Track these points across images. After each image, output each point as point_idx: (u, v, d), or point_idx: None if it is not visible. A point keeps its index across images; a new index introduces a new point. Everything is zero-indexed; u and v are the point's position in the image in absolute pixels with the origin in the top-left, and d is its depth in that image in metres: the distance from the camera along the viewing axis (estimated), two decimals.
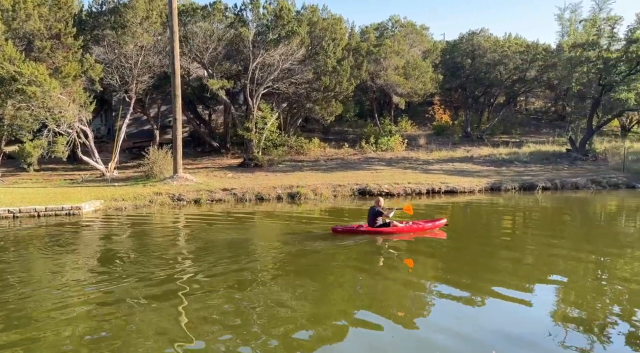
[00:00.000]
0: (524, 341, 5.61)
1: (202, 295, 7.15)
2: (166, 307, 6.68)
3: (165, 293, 7.21)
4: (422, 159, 27.39)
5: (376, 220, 11.12)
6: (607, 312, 6.53)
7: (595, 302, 6.93)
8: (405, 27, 33.26)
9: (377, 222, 11.12)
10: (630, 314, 6.40)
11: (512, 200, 17.99)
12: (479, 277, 8.22)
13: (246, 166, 23.64)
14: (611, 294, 7.35)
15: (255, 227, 13.37)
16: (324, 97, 25.50)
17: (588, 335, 5.74)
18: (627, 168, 23.39)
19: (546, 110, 43.08)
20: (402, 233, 11.17)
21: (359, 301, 6.98)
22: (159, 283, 7.71)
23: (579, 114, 28.92)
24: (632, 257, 9.47)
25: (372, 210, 11.20)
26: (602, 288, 7.66)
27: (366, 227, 11.17)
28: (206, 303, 6.82)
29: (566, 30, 31.86)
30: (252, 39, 22.52)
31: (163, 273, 8.27)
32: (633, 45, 23.79)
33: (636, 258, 9.36)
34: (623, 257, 9.54)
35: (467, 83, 32.71)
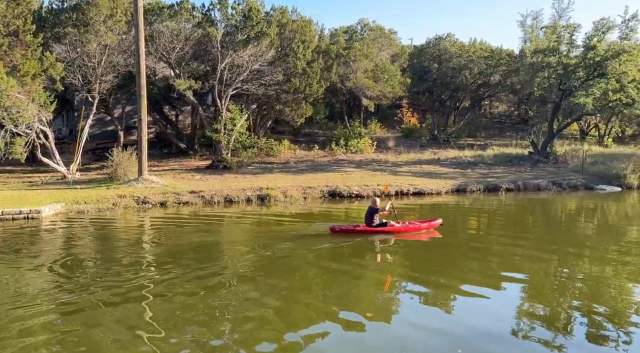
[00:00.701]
0: (490, 337, 5.73)
1: (169, 300, 6.97)
2: (131, 313, 6.47)
3: (130, 299, 6.99)
4: (391, 161, 27.72)
5: (373, 220, 11.28)
6: (568, 307, 6.76)
7: (557, 297, 7.15)
8: (374, 31, 33.63)
9: (375, 221, 11.29)
10: (588, 309, 6.64)
11: (478, 201, 18.42)
12: (447, 275, 8.35)
13: (215, 168, 23.30)
14: (571, 290, 7.61)
15: (224, 229, 13.17)
16: (294, 98, 25.45)
17: (551, 330, 5.91)
18: (585, 170, 24.37)
19: (509, 114, 44.41)
20: (398, 233, 11.33)
21: (328, 301, 6.96)
22: (123, 289, 7.46)
23: (540, 118, 29.92)
24: (590, 256, 9.84)
25: (369, 209, 11.39)
26: (563, 285, 7.92)
27: (363, 227, 11.32)
28: (173, 308, 6.65)
29: (528, 36, 32.87)
30: (221, 39, 22.24)
31: (127, 278, 8.02)
32: (590, 52, 24.81)
33: (594, 257, 9.73)
34: (582, 255, 9.91)
35: (434, 87, 33.35)
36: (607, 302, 6.98)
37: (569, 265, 9.21)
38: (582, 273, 8.62)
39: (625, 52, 24.18)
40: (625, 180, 22.12)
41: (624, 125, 36.86)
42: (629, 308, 6.79)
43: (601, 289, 7.60)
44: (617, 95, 24.80)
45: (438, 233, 11.61)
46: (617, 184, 22.01)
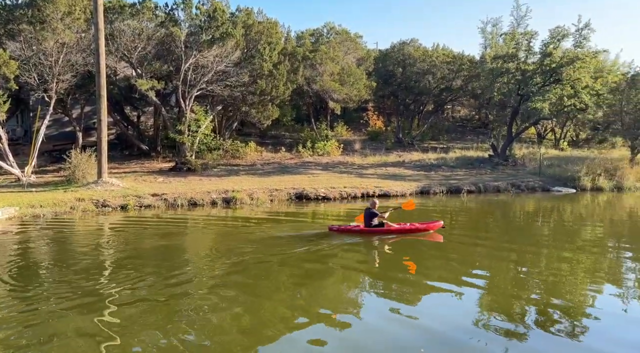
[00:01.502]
0: (454, 332, 5.85)
1: (130, 307, 6.75)
2: (90, 322, 6.22)
3: (89, 308, 6.71)
4: (358, 163, 27.98)
5: (372, 221, 11.45)
6: (527, 302, 6.99)
7: (517, 293, 7.39)
8: (340, 35, 33.91)
9: (373, 222, 11.46)
10: (546, 303, 6.90)
11: (440, 202, 18.83)
12: (411, 275, 8.47)
13: (178, 170, 22.83)
14: (530, 286, 7.88)
15: (188, 233, 12.91)
16: (261, 100, 25.30)
17: (511, 324, 6.09)
18: (542, 172, 25.35)
19: (471, 118, 45.69)
20: (397, 234, 11.48)
21: (292, 304, 6.92)
22: (81, 297, 7.17)
23: (500, 122, 30.96)
24: (547, 254, 10.22)
25: (368, 211, 11.54)
26: (522, 281, 8.19)
27: (362, 227, 11.48)
28: (134, 315, 6.44)
29: (488, 42, 34.07)
30: (185, 40, 21.86)
31: (85, 285, 7.72)
32: (547, 58, 25.86)
33: (550, 255, 10.12)
34: (540, 253, 10.28)
35: (399, 91, 33.93)
36: (563, 296, 7.27)
37: (528, 262, 9.53)
38: (540, 270, 8.94)
39: (579, 59, 25.33)
40: (579, 182, 23.15)
41: (578, 129, 38.60)
42: (583, 302, 7.09)
43: (558, 285, 7.91)
44: (571, 100, 25.93)
45: (439, 235, 11.61)
46: (572, 186, 23.01)
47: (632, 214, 16.94)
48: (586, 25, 25.91)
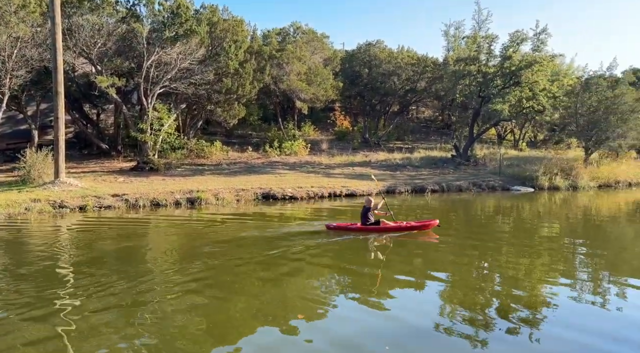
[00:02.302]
0: (418, 329, 5.93)
1: (87, 314, 6.50)
2: (45, 332, 5.94)
3: (44, 316, 6.40)
4: (325, 163, 28.05)
5: (368, 219, 11.64)
6: (489, 295, 7.18)
7: (479, 287, 7.58)
8: (307, 34, 33.90)
9: (369, 220, 11.66)
10: (507, 296, 7.11)
11: (406, 202, 19.13)
12: (373, 274, 8.55)
13: (140, 170, 22.21)
14: (492, 280, 8.11)
15: (150, 235, 12.57)
16: (226, 99, 24.97)
17: (473, 319, 6.24)
18: (502, 172, 26.17)
19: (434, 119, 46.67)
20: (392, 232, 11.63)
21: (256, 307, 6.85)
22: (36, 304, 6.85)
23: (462, 123, 31.76)
24: (507, 251, 10.55)
25: (364, 208, 11.79)
26: (484, 276, 8.41)
27: (359, 225, 11.68)
28: (93, 323, 6.21)
29: (451, 45, 34.84)
30: (147, 36, 21.29)
31: (40, 292, 7.38)
32: (507, 61, 26.70)
33: (510, 251, 10.45)
34: (500, 249, 10.60)
35: (365, 91, 34.26)
36: (523, 289, 7.52)
37: (490, 258, 9.81)
38: (501, 264, 9.21)
39: (537, 63, 26.29)
40: (537, 181, 24.03)
41: (536, 130, 40.10)
42: (541, 293, 7.36)
43: (518, 278, 8.17)
44: (530, 102, 26.90)
45: (434, 234, 11.74)
46: (530, 185, 23.86)
47: (585, 212, 17.73)
48: (543, 30, 26.92)
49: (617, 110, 26.10)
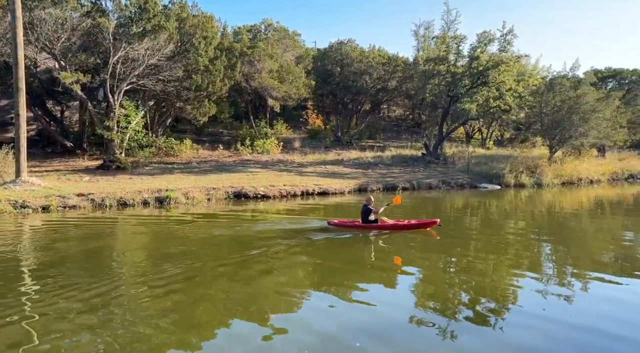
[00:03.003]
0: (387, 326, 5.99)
1: (50, 319, 6.26)
2: (5, 337, 5.70)
3: (3, 321, 6.15)
4: (297, 161, 28.01)
5: (368, 217, 11.80)
6: (458, 289, 7.32)
7: (449, 281, 7.72)
8: (279, 32, 33.76)
9: (370, 218, 11.80)
10: (476, 290, 7.26)
11: (377, 200, 19.27)
12: (343, 273, 8.58)
13: (106, 169, 21.62)
14: (460, 274, 8.26)
15: (116, 235, 12.24)
16: (196, 96, 24.59)
17: (442, 315, 6.34)
18: (470, 170, 26.75)
19: (405, 117, 47.30)
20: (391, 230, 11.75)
21: (228, 307, 6.77)
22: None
23: (432, 122, 32.31)
24: (475, 246, 10.78)
25: (364, 207, 11.88)
26: (453, 271, 8.57)
27: (359, 223, 11.85)
28: (55, 328, 5.99)
29: (421, 45, 35.29)
30: (113, 31, 20.73)
31: (1, 295, 7.08)
32: (474, 62, 27.29)
33: (479, 247, 10.68)
34: (468, 245, 10.82)
35: (337, 90, 34.39)
36: (491, 283, 7.70)
37: (458, 253, 9.99)
38: (470, 259, 9.40)
39: (503, 63, 26.98)
40: (503, 179, 24.70)
41: (503, 129, 41.21)
42: (508, 287, 7.55)
43: (486, 272, 8.36)
44: (496, 102, 27.58)
45: (434, 233, 11.73)
46: (497, 183, 24.49)
47: (550, 208, 18.31)
48: (510, 31, 27.63)
49: (580, 109, 27.09)
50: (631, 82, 39.87)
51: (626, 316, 6.41)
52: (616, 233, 13.08)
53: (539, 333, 5.77)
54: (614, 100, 30.79)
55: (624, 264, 9.30)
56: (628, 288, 7.63)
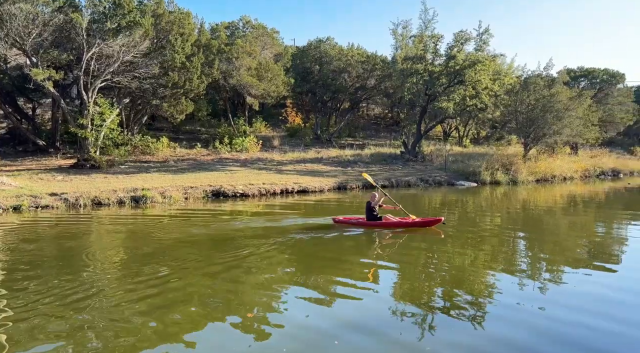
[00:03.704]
0: (366, 326, 6.01)
1: (25, 320, 6.08)
2: None
3: None
4: (277, 159, 27.90)
5: (372, 214, 11.86)
6: (436, 286, 7.40)
7: (426, 278, 7.80)
8: (257, 29, 33.51)
9: (375, 214, 11.89)
10: (453, 285, 7.36)
11: (356, 198, 19.37)
12: (325, 271, 8.58)
13: (80, 167, 21.12)
14: (439, 271, 8.36)
15: (91, 235, 11.97)
16: (173, 94, 24.22)
17: (420, 311, 6.40)
18: (448, 168, 27.12)
19: (384, 116, 47.61)
20: (394, 228, 11.77)
21: (208, 306, 6.69)
22: None
23: (410, 120, 32.59)
24: (453, 243, 10.91)
25: (367, 205, 11.97)
26: (431, 268, 8.66)
27: (364, 220, 11.95)
28: (31, 328, 5.81)
29: (399, 44, 35.56)
30: (87, 27, 20.23)
31: None
32: (451, 61, 27.63)
33: (456, 242, 10.82)
34: (446, 242, 10.95)
35: (316, 88, 34.36)
36: (468, 278, 7.81)
37: (437, 250, 10.10)
38: (448, 255, 9.52)
39: (480, 62, 27.40)
40: (480, 176, 25.11)
41: (479, 127, 41.87)
42: (484, 283, 7.67)
43: (463, 268, 8.48)
44: (473, 100, 27.99)
45: (439, 231, 11.64)
46: (473, 180, 24.88)
47: (524, 205, 18.70)
48: (486, 31, 28.11)
49: (553, 108, 27.71)
50: (602, 81, 40.98)
51: (598, 307, 6.58)
52: (588, 229, 13.44)
53: (514, 325, 5.89)
54: (586, 99, 31.61)
55: (595, 258, 9.57)
56: (600, 281, 7.85)
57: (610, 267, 8.73)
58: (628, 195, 22.98)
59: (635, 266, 8.99)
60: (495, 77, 29.58)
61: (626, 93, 42.91)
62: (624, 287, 7.55)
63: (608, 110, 39.82)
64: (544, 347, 5.31)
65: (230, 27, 32.92)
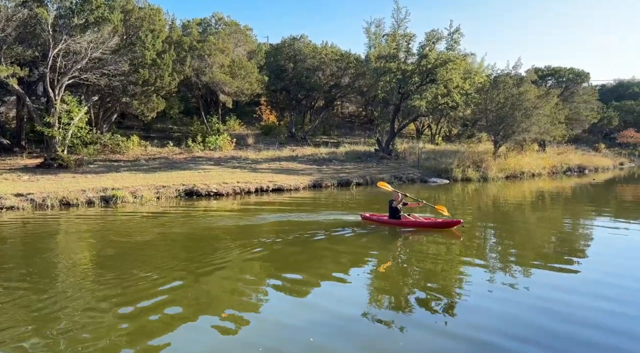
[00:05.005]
0: (340, 323, 6.05)
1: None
2: None
3: None
4: (251, 158, 27.70)
5: (393, 213, 12.10)
6: (409, 282, 7.51)
7: (401, 279, 7.90)
8: (229, 26, 33.15)
9: (399, 209, 12.10)
10: (427, 280, 7.49)
11: (332, 195, 19.43)
12: (303, 269, 8.58)
13: (47, 167, 20.48)
14: (411, 267, 8.48)
15: (58, 237, 11.62)
16: (144, 91, 23.73)
17: (395, 307, 6.48)
18: (420, 165, 27.50)
19: (358, 114, 47.90)
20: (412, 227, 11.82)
21: (181, 307, 6.60)
22: None
23: (384, 118, 32.86)
24: (426, 239, 11.07)
25: (390, 203, 12.22)
26: (404, 264, 8.78)
27: (387, 218, 12.20)
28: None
29: (373, 43, 35.73)
30: (52, 22, 19.58)
31: None
32: (423, 60, 27.96)
33: (429, 240, 10.98)
34: (419, 239, 11.11)
35: (291, 86, 34.26)
36: (440, 274, 7.97)
37: (409, 246, 10.25)
38: (422, 252, 9.67)
39: (451, 61, 27.81)
40: (452, 173, 25.56)
41: (451, 125, 42.60)
42: (457, 278, 7.83)
43: (436, 264, 8.63)
44: (445, 99, 28.43)
45: (458, 233, 11.41)
46: (445, 177, 25.31)
47: (495, 201, 19.15)
48: (456, 30, 28.52)
49: (522, 106, 28.45)
50: (568, 80, 42.27)
51: (566, 297, 6.84)
52: (556, 223, 13.88)
53: (486, 317, 6.03)
54: (553, 97, 32.57)
55: (562, 250, 9.90)
56: (566, 272, 8.12)
57: (576, 260, 9.04)
58: (593, 190, 23.83)
59: (600, 259, 9.34)
60: (466, 76, 30.10)
61: (591, 91, 44.40)
62: (589, 279, 7.84)
63: (574, 108, 41.10)
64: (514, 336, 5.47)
65: (202, 24, 32.47)
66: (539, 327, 5.81)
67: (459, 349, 5.30)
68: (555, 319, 6.03)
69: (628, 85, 64.89)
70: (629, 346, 5.37)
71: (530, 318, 6.09)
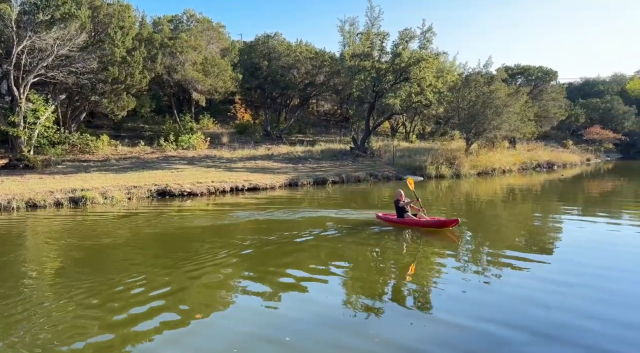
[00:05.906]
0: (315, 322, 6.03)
1: None
2: None
3: None
4: (226, 157, 27.39)
5: (401, 212, 12.14)
6: (385, 284, 7.55)
7: (376, 276, 7.94)
8: (202, 23, 32.65)
9: (406, 210, 12.17)
10: (399, 277, 7.54)
11: (308, 194, 19.40)
12: (277, 268, 8.52)
13: (13, 168, 19.78)
14: (386, 263, 8.54)
15: (24, 240, 11.22)
16: (113, 89, 23.14)
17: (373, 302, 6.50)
18: (395, 163, 27.75)
19: (334, 112, 47.98)
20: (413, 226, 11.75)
21: (154, 308, 6.46)
22: None
23: (359, 116, 33.02)
24: (402, 237, 11.16)
25: (396, 203, 12.24)
26: (378, 262, 8.83)
27: (395, 218, 12.27)
28: None
29: (347, 41, 35.83)
30: (16, 18, 18.87)
31: None
32: (397, 58, 28.20)
33: (404, 237, 11.08)
34: (395, 236, 11.19)
35: (265, 84, 34.02)
36: (414, 271, 8.03)
37: (385, 243, 10.31)
38: (395, 250, 9.74)
39: (424, 60, 28.15)
40: (426, 171, 25.88)
41: (425, 123, 43.13)
42: (430, 275, 7.92)
43: (411, 260, 8.71)
44: (418, 97, 28.75)
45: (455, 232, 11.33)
46: (420, 174, 25.61)
47: (467, 197, 19.49)
48: (429, 29, 28.88)
49: (493, 104, 29.02)
50: (537, 78, 43.36)
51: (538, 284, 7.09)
52: (526, 218, 14.22)
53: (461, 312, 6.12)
54: (523, 95, 33.36)
55: (534, 242, 10.16)
56: (538, 262, 8.32)
57: (547, 251, 9.29)
58: (562, 186, 24.53)
59: (569, 249, 9.61)
60: (438, 75, 30.52)
61: (559, 89, 45.68)
62: (560, 268, 8.06)
63: (543, 105, 42.19)
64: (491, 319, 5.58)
65: (173, 21, 31.89)
66: (514, 311, 6.12)
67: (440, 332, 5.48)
68: (530, 304, 6.34)
69: (594, 83, 67.14)
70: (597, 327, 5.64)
71: (505, 303, 6.43)
